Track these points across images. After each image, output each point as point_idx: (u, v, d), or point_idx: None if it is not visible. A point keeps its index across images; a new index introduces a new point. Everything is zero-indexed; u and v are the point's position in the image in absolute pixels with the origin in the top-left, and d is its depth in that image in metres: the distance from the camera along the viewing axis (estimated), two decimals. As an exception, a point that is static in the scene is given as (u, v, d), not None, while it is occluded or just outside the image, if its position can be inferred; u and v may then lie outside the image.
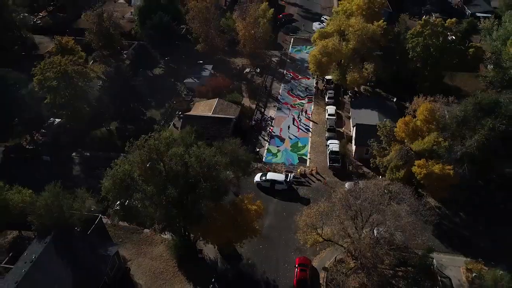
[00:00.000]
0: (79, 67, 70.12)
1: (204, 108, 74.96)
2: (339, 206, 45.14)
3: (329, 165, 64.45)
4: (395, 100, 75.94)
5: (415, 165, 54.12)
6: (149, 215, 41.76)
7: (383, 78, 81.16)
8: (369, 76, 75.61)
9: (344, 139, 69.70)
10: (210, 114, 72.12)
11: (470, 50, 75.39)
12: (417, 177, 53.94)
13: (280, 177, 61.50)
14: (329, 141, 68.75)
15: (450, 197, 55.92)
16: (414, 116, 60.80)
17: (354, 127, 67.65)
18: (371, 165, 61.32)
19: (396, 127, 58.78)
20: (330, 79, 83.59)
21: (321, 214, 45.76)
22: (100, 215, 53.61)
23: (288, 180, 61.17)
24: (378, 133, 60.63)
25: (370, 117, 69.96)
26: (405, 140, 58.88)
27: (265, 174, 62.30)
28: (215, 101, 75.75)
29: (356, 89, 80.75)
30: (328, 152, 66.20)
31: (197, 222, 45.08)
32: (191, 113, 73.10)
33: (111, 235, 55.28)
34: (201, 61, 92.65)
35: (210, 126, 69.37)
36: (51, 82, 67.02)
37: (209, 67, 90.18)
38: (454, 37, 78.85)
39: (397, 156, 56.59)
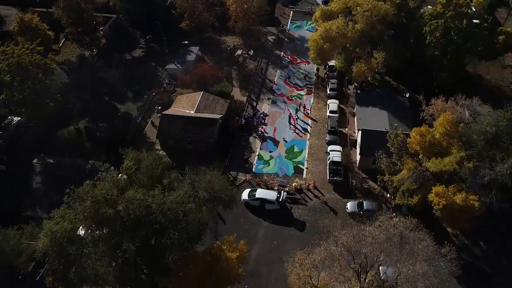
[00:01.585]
0: (37, 57, 59.32)
1: (186, 103, 64.82)
2: (339, 258, 36.57)
3: (329, 179, 55.28)
4: (407, 95, 65.33)
5: (432, 192, 45.12)
6: (101, 278, 33.28)
7: (394, 66, 70.22)
8: (379, 66, 64.56)
9: (347, 147, 59.90)
10: (192, 112, 62.12)
11: (500, 37, 63.77)
12: (434, 207, 45.13)
13: (271, 195, 52.55)
14: (330, 147, 59.16)
15: (472, 227, 47.23)
16: (431, 125, 51.02)
17: (359, 132, 57.77)
18: (378, 182, 52.23)
19: (409, 135, 49.14)
20: (332, 66, 72.58)
21: (316, 265, 37.26)
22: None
23: (280, 199, 52.26)
24: (388, 144, 51.11)
25: (378, 118, 59.95)
26: (420, 154, 49.54)
27: (254, 191, 53.36)
28: (199, 95, 65.47)
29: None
30: (328, 162, 56.81)
31: (164, 274, 36.80)
32: (170, 110, 63.02)
33: None
34: (186, 41, 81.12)
35: (192, 128, 59.66)
36: (4, 77, 56.90)
37: (195, 49, 78.74)
38: (479, 20, 67.00)
39: (410, 177, 47.38)
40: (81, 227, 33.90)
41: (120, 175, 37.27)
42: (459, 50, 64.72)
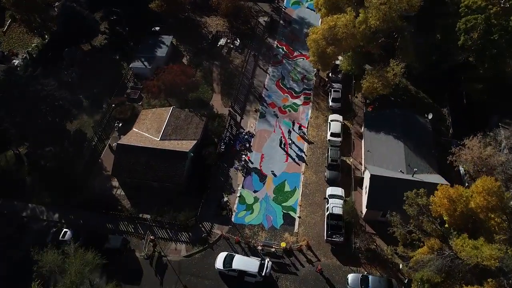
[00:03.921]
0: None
1: (151, 123, 51.70)
2: None
3: (327, 239, 43.70)
4: (430, 117, 51.57)
5: (463, 291, 33.88)
6: None
7: (415, 69, 55.78)
8: (396, 79, 50.03)
9: (351, 192, 47.51)
10: (157, 140, 49.22)
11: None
12: (465, 313, 34.07)
13: (252, 265, 41.25)
14: (329, 190, 46.91)
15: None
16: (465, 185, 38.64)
17: (368, 177, 45.14)
18: (389, 249, 40.66)
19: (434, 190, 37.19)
20: (337, 66, 58.04)
21: None
22: None
23: (263, 272, 41.08)
24: (404, 207, 39.04)
25: (391, 152, 47.11)
26: (446, 222, 37.75)
27: (231, 258, 42.05)
28: (168, 112, 52.18)
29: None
30: (326, 214, 44.90)
31: None
32: (130, 136, 50.04)
33: None
34: (157, 28, 65.66)
35: (156, 164, 47.19)
36: None
37: (168, 39, 63.47)
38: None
39: (432, 262, 35.82)
40: None
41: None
42: (501, 56, 50.03)
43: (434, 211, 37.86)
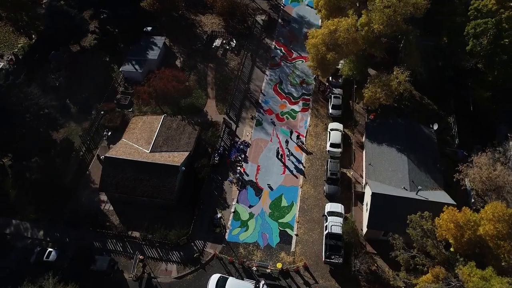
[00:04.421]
0: None
1: (141, 133, 49.11)
2: None
3: (325, 260, 41.44)
4: (436, 127, 48.80)
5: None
6: None
7: (420, 75, 52.96)
8: (400, 88, 47.08)
9: (351, 208, 45.16)
10: (147, 152, 46.70)
11: None
12: None
13: (246, 288, 39.31)
14: (328, 206, 44.53)
15: None
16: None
17: (369, 194, 42.65)
18: (391, 273, 38.55)
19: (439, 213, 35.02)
20: (338, 69, 55.10)
21: None
22: None
23: (258, 295, 39.10)
24: (408, 230, 36.80)
25: (394, 167, 44.56)
26: (452, 245, 35.50)
27: (224, 280, 39.87)
28: (158, 121, 49.60)
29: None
30: (325, 233, 42.57)
31: None
32: (118, 148, 47.45)
33: None
34: (149, 28, 62.50)
35: (145, 178, 44.74)
36: None
37: (161, 40, 60.43)
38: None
39: (437, 292, 33.68)
40: None
41: None
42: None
43: (439, 235, 35.71)
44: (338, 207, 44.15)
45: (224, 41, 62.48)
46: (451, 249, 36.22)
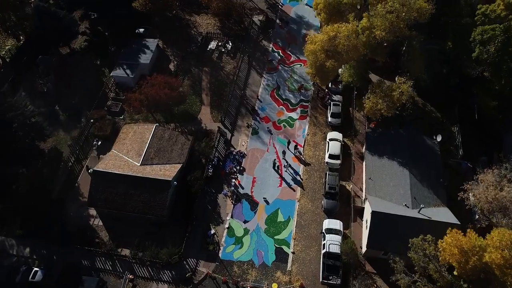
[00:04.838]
0: None
1: (131, 144, 47.04)
2: None
3: (323, 280, 39.73)
4: (439, 139, 46.64)
5: None
6: None
7: (424, 82, 50.76)
8: (403, 98, 44.84)
9: (350, 231, 43.18)
10: (137, 165, 44.71)
11: None
12: None
13: (240, 312, 37.70)
14: (326, 223, 42.67)
15: None
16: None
17: (369, 213, 40.73)
18: None
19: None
20: (337, 76, 52.78)
21: None
22: None
23: (252, 321, 37.50)
24: (409, 254, 35.07)
25: (395, 181, 42.60)
26: (455, 269, 33.80)
27: (216, 303, 38.39)
28: (150, 131, 47.48)
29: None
30: (322, 252, 40.80)
31: None
32: (107, 160, 45.37)
33: None
34: (141, 30, 60.05)
35: (135, 194, 42.83)
36: None
37: (154, 42, 58.02)
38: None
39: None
40: None
41: None
42: (520, 71, 44.90)
43: (442, 260, 33.97)
44: (337, 224, 42.31)
45: (219, 44, 60.06)
46: (455, 272, 34.58)
